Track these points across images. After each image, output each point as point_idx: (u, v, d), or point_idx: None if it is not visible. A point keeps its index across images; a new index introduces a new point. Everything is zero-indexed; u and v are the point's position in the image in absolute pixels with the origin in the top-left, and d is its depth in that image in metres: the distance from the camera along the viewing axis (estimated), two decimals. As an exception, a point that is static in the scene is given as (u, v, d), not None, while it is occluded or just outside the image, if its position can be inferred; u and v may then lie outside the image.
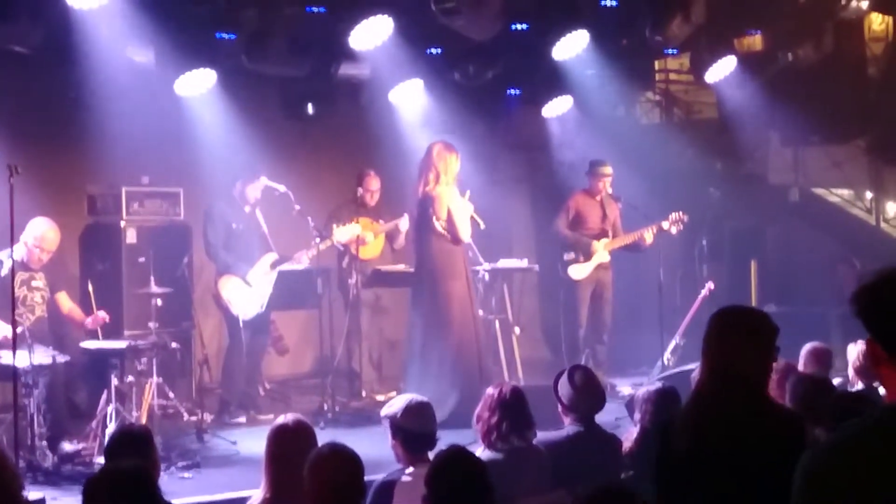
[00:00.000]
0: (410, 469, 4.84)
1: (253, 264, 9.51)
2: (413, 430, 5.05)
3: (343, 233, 9.68)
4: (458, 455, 4.24)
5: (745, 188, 13.22)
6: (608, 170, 10.59)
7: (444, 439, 5.08)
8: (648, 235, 10.49)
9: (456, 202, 9.06)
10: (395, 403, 5.22)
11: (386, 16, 9.14)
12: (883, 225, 13.81)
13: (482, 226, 9.55)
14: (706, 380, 3.71)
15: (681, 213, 10.54)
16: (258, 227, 9.65)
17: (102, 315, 8.31)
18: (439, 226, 9.05)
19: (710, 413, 3.63)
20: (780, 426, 3.64)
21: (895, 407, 2.24)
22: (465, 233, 9.11)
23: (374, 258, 10.40)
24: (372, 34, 9.28)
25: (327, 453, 4.01)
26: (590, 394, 5.59)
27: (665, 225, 10.50)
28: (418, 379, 9.00)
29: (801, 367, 6.66)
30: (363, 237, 10.12)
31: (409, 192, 9.46)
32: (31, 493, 6.15)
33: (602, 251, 10.56)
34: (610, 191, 10.66)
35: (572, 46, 10.25)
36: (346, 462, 3.99)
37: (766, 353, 3.71)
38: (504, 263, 10.77)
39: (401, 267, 10.27)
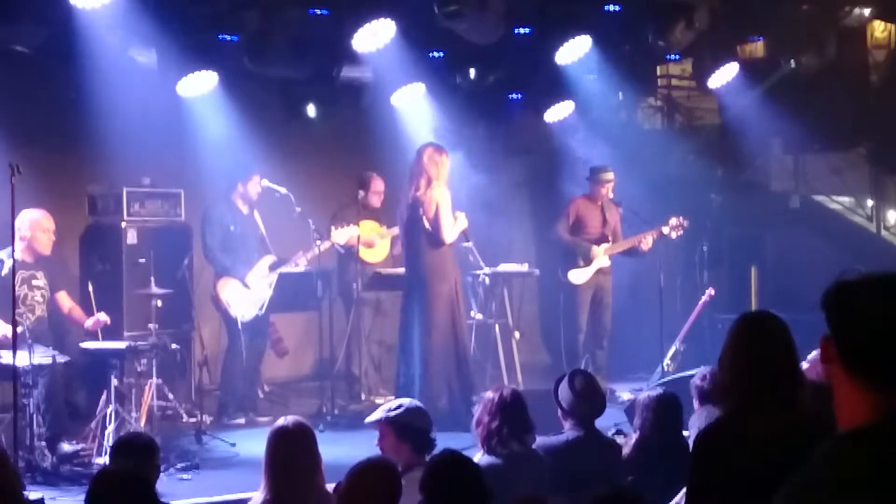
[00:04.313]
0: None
1: (251, 266, 9.51)
2: (424, 429, 5.09)
3: (341, 235, 9.66)
4: (452, 459, 4.24)
5: (745, 195, 13.21)
6: (609, 175, 10.58)
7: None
8: (648, 240, 10.49)
9: (445, 203, 9.04)
10: (394, 406, 5.22)
11: (388, 19, 9.13)
12: (884, 233, 13.78)
13: (470, 242, 9.57)
14: (759, 386, 3.42)
15: (681, 218, 10.53)
16: (256, 229, 9.65)
17: (104, 318, 8.29)
18: (428, 225, 9.04)
19: (783, 422, 3.36)
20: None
21: (852, 438, 2.09)
22: (449, 234, 9.07)
23: (380, 262, 10.41)
24: (374, 37, 9.27)
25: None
26: (590, 399, 5.59)
27: (665, 230, 10.49)
28: (408, 381, 9.04)
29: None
30: (371, 240, 10.12)
31: (400, 195, 9.44)
32: (31, 494, 6.16)
33: (602, 256, 10.55)
34: (611, 196, 10.67)
35: (575, 51, 10.24)
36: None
37: (798, 356, 3.63)
38: (504, 268, 10.77)
39: (400, 270, 10.27)
